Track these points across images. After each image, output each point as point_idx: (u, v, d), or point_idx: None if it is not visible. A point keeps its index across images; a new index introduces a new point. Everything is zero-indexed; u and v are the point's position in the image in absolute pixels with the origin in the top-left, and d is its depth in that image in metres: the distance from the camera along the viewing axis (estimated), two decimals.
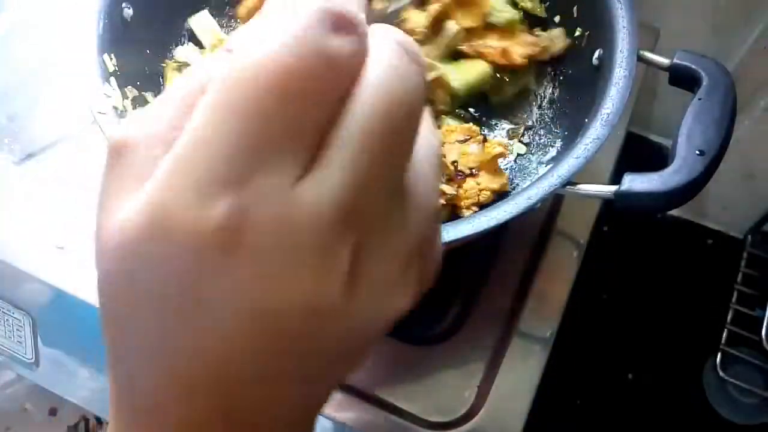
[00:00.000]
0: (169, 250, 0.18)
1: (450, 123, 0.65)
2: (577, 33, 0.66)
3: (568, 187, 0.53)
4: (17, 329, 0.70)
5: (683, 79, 0.58)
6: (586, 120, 0.57)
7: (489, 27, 0.67)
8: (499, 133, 0.69)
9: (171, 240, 0.18)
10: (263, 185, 0.17)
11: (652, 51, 0.60)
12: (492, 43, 0.66)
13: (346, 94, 0.18)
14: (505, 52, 0.65)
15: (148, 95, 0.61)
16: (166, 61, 0.64)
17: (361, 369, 0.64)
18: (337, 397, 0.63)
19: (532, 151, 0.67)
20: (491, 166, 0.61)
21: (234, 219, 0.17)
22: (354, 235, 0.19)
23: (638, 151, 0.99)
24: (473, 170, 0.61)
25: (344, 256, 0.18)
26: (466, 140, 0.62)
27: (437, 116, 0.66)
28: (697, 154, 0.52)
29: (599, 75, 0.60)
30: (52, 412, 1.04)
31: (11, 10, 0.81)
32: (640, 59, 0.59)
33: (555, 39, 0.67)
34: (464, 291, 0.68)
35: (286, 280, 0.18)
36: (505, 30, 0.67)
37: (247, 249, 0.17)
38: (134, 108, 0.58)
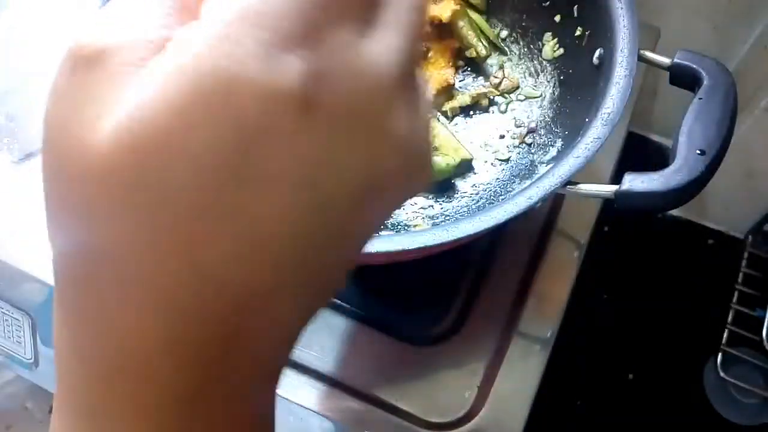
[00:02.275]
0: (229, 111, 0.15)
1: None
2: (578, 32, 0.66)
3: (568, 186, 0.53)
4: (16, 329, 0.70)
5: (684, 79, 0.58)
6: (587, 119, 0.57)
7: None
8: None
9: (230, 101, 0.15)
10: (336, 42, 0.16)
11: (652, 50, 0.60)
12: None
13: None
14: None
15: None
16: None
17: (358, 368, 0.64)
18: (337, 396, 0.63)
19: (533, 151, 0.67)
20: None
21: (311, 77, 0.16)
22: (408, 97, 0.18)
23: (639, 150, 0.98)
24: None
25: (402, 120, 0.17)
26: None
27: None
28: (698, 154, 0.52)
29: (600, 74, 0.60)
30: (53, 410, 1.04)
31: (11, 10, 0.81)
32: (641, 59, 0.59)
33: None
34: (464, 291, 0.68)
35: (357, 148, 0.17)
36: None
37: (325, 111, 0.16)
38: None
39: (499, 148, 0.69)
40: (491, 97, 0.70)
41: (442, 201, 0.65)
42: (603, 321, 1.06)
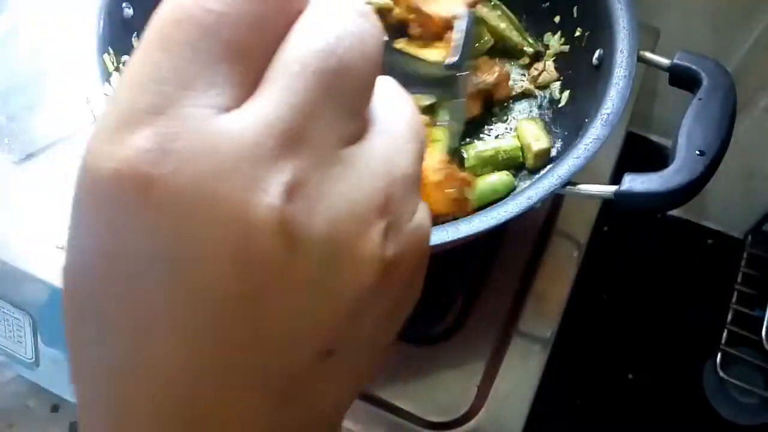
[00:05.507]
0: (90, 200, 0.16)
1: None
2: (577, 33, 0.66)
3: (568, 187, 0.53)
4: (17, 329, 0.70)
5: (683, 80, 0.58)
6: (586, 120, 0.57)
7: None
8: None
9: (92, 188, 0.16)
10: (185, 114, 0.15)
11: (652, 51, 0.60)
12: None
13: (285, 28, 0.17)
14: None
15: None
16: None
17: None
18: None
19: None
20: None
21: (150, 152, 0.15)
22: (293, 164, 0.16)
23: (638, 151, 0.99)
24: None
25: (280, 188, 0.15)
26: None
27: None
28: (698, 155, 0.52)
29: (599, 75, 0.60)
30: (54, 408, 1.04)
31: (12, 10, 0.81)
32: (641, 59, 0.59)
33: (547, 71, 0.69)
34: (465, 291, 0.68)
35: (210, 219, 0.15)
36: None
37: (163, 187, 0.15)
38: None
39: None
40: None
41: None
42: (602, 321, 1.06)
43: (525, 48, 0.70)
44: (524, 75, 0.71)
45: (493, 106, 0.69)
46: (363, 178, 0.17)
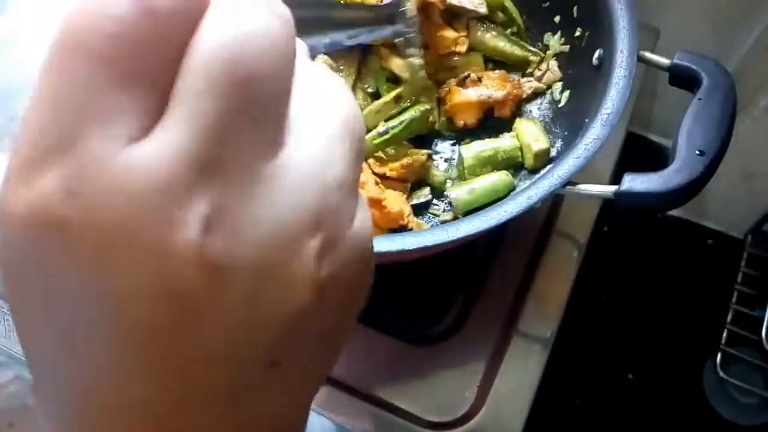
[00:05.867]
0: (8, 243, 0.16)
1: None
2: (577, 33, 0.66)
3: (568, 187, 0.53)
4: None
5: (683, 80, 0.58)
6: (586, 120, 0.57)
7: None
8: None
9: (8, 229, 0.15)
10: (90, 150, 0.15)
11: (652, 51, 0.60)
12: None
13: (185, 43, 0.16)
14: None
15: None
16: None
17: (358, 368, 0.64)
18: (337, 396, 0.63)
19: None
20: None
21: (58, 194, 0.15)
22: (210, 193, 0.15)
23: (638, 151, 0.99)
24: None
25: (198, 221, 0.15)
26: None
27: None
28: (698, 154, 0.52)
29: (599, 75, 0.60)
30: None
31: (12, 11, 0.81)
32: (640, 59, 0.59)
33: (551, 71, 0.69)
34: (465, 291, 0.68)
35: (129, 259, 0.15)
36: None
37: (77, 228, 0.15)
38: None
39: None
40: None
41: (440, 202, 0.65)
42: (602, 321, 1.06)
43: (531, 58, 0.70)
44: (530, 76, 0.70)
45: (492, 119, 0.68)
46: (290, 193, 0.16)
